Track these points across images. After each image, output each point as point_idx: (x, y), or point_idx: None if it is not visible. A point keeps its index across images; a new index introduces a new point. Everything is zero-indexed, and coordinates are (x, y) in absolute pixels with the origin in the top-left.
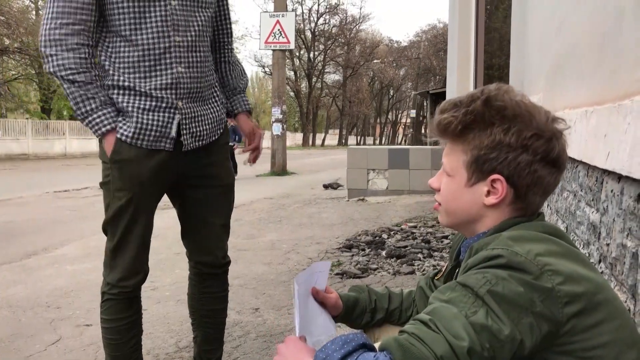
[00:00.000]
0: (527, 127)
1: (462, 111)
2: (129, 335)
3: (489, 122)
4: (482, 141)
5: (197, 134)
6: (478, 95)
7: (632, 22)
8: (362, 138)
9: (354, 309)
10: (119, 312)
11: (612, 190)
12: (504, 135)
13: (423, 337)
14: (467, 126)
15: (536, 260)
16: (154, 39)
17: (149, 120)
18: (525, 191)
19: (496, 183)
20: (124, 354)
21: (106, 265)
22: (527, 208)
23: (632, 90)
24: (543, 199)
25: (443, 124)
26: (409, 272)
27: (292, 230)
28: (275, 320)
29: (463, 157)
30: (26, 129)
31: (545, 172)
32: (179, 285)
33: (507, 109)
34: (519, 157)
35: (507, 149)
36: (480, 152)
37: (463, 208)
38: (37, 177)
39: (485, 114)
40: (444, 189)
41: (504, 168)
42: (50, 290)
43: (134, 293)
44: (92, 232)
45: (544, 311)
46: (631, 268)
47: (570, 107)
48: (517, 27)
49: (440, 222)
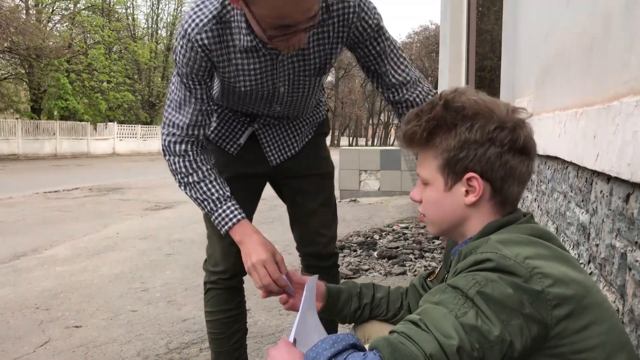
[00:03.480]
0: (488, 122)
1: (425, 118)
2: (232, 330)
3: (452, 123)
4: (450, 143)
5: (280, 153)
6: (437, 101)
7: (620, 26)
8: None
9: (339, 296)
10: (221, 304)
11: (602, 191)
12: (468, 133)
13: (412, 336)
14: (432, 132)
15: (525, 263)
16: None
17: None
18: (501, 184)
19: (472, 181)
20: (228, 350)
21: (206, 254)
22: (506, 200)
23: (621, 92)
24: (520, 188)
25: (409, 135)
26: (400, 272)
27: (284, 231)
28: (266, 322)
29: (435, 162)
30: (16, 129)
31: (516, 162)
32: (170, 286)
33: (466, 108)
34: (487, 151)
35: (474, 146)
36: (450, 154)
37: (447, 213)
38: (26, 178)
39: (447, 117)
40: (425, 199)
41: (475, 165)
42: (39, 291)
43: (232, 282)
44: (82, 233)
45: (533, 313)
46: (620, 268)
47: (560, 109)
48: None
49: (429, 232)
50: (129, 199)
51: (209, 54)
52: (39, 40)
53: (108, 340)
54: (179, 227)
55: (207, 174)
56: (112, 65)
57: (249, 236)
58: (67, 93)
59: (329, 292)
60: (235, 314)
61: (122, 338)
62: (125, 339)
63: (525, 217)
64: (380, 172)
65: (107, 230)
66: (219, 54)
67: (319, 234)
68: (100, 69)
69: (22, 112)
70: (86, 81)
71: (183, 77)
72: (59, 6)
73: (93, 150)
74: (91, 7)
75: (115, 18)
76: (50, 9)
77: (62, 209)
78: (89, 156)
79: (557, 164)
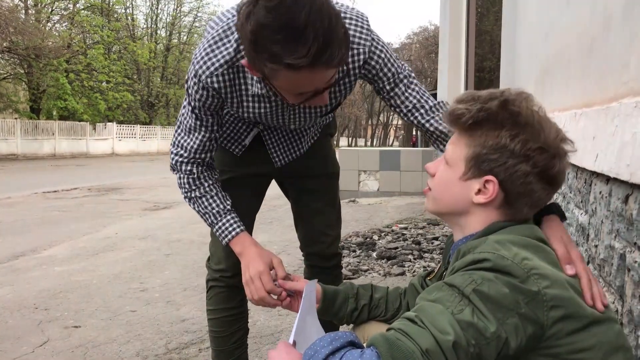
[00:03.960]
0: (534, 138)
1: (477, 107)
2: (233, 328)
3: (500, 124)
4: (488, 141)
5: (285, 155)
6: (497, 95)
7: (619, 27)
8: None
9: (336, 298)
10: (223, 302)
11: (601, 192)
12: (509, 141)
13: (409, 332)
14: (478, 122)
15: (522, 264)
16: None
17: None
18: (515, 199)
19: (489, 184)
20: (228, 349)
21: (210, 252)
22: (514, 215)
23: (620, 93)
24: (531, 211)
25: (456, 114)
26: (399, 273)
27: (283, 231)
28: (265, 322)
29: (466, 150)
30: (15, 129)
31: (538, 187)
32: (169, 286)
33: (520, 115)
34: (518, 165)
35: (509, 155)
36: (483, 150)
37: (451, 198)
38: (25, 178)
39: (499, 115)
40: (439, 176)
41: (500, 171)
42: (38, 291)
43: (234, 281)
44: (81, 233)
45: (528, 313)
46: (619, 269)
47: (559, 110)
48: (507, 31)
49: (425, 207)
50: (128, 199)
51: (220, 94)
52: (38, 40)
53: (107, 340)
54: (178, 227)
55: (208, 189)
56: (111, 65)
57: (247, 248)
58: (66, 93)
59: (325, 294)
60: (237, 313)
61: (121, 338)
62: (124, 339)
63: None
64: (379, 173)
65: (106, 230)
66: (230, 96)
67: (323, 234)
68: (99, 69)
69: (21, 112)
70: (85, 81)
71: (195, 109)
72: (58, 6)
73: (92, 150)
74: (90, 7)
75: (115, 18)
76: (50, 8)
77: (61, 209)
78: (88, 156)
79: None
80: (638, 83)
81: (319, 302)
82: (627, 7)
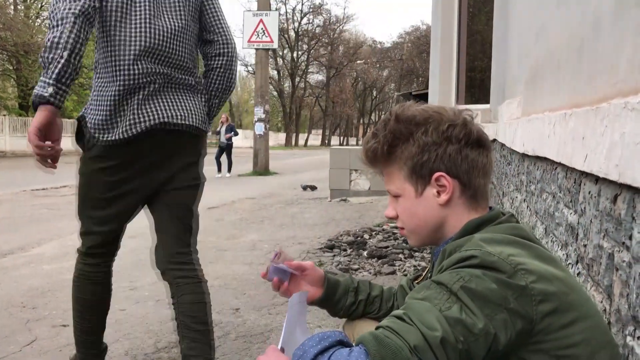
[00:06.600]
0: (440, 123)
1: (382, 134)
2: None
3: (408, 132)
4: (410, 151)
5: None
6: (388, 117)
7: (609, 28)
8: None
9: (337, 287)
10: None
11: (590, 191)
12: (425, 137)
13: (397, 329)
14: (392, 145)
15: (509, 260)
16: None
17: None
18: (467, 177)
19: (440, 180)
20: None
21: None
22: (477, 193)
23: (609, 93)
24: (486, 180)
25: (371, 153)
26: (389, 272)
27: (274, 230)
28: (255, 321)
29: (401, 173)
30: (3, 126)
31: (475, 154)
32: (159, 285)
33: (416, 116)
34: (447, 149)
35: (434, 147)
36: (413, 160)
37: (423, 218)
38: (14, 175)
39: (401, 128)
40: (400, 211)
41: (439, 164)
42: (25, 290)
43: None
44: (70, 231)
45: (517, 308)
46: (607, 269)
47: (549, 110)
48: (498, 31)
49: (411, 245)
50: None
51: None
52: (27, 36)
53: None
54: None
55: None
56: None
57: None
58: None
59: (328, 282)
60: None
61: (110, 337)
62: (113, 338)
63: (504, 216)
64: (370, 172)
65: None
66: None
67: None
68: (89, 65)
69: (10, 108)
70: None
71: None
72: (47, 2)
73: None
74: None
75: None
76: (39, 4)
77: (50, 206)
78: (77, 153)
79: (546, 165)
80: (627, 84)
81: (322, 287)
82: (617, 9)
